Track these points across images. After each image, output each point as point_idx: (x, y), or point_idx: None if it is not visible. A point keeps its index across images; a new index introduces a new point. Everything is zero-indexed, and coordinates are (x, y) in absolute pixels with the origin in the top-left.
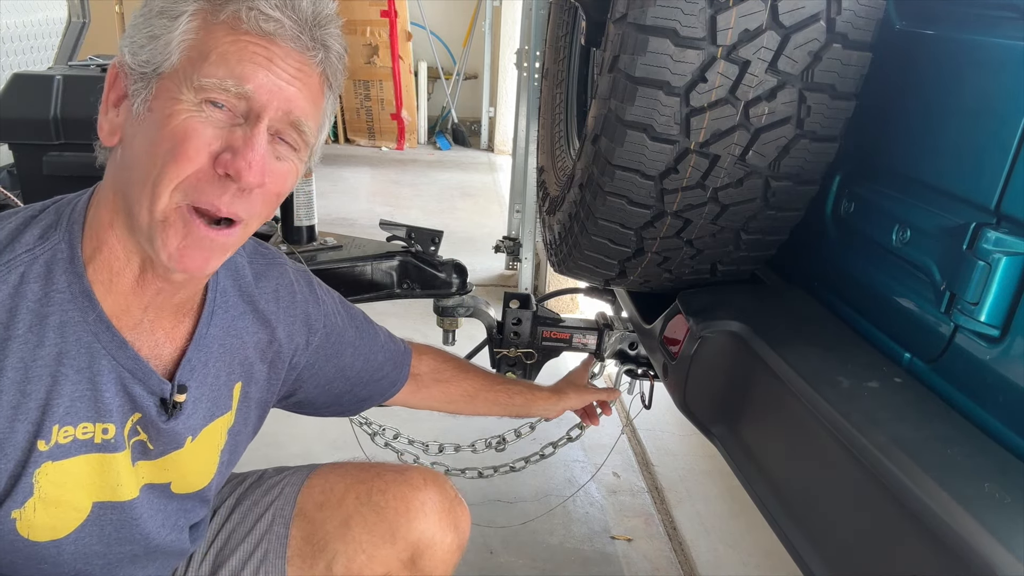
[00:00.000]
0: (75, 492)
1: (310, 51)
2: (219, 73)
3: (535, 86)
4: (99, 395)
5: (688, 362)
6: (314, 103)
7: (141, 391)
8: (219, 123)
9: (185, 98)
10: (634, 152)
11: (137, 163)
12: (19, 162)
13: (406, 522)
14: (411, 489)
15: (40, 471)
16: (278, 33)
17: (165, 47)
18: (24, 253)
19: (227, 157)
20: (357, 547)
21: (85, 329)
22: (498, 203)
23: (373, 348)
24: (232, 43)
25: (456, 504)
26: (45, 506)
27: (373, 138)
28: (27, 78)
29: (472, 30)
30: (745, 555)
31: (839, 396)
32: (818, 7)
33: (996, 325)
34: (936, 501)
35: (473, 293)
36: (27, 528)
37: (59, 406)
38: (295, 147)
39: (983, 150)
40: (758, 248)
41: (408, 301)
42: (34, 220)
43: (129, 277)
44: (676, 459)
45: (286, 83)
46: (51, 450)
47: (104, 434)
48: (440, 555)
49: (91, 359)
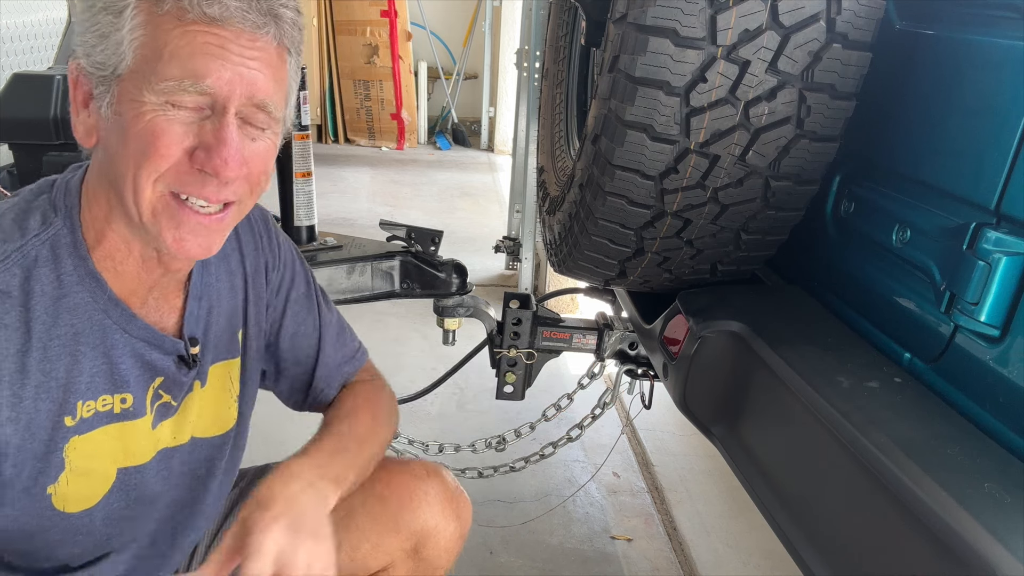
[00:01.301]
0: (102, 461)
1: (261, 28)
2: (175, 73)
3: (535, 86)
4: (115, 368)
5: (688, 362)
6: (276, 79)
7: (159, 355)
8: (186, 119)
9: (147, 100)
10: (634, 152)
11: (116, 162)
12: (19, 162)
13: (410, 511)
14: (414, 479)
15: (69, 445)
16: (224, 16)
17: (116, 48)
18: (32, 239)
19: (202, 155)
20: (361, 536)
21: (96, 308)
22: (498, 203)
23: (318, 319)
24: (181, 36)
25: (458, 494)
26: (76, 477)
27: (373, 138)
28: (27, 78)
29: (472, 30)
30: (745, 555)
31: (839, 396)
32: (818, 7)
33: (996, 325)
34: (936, 501)
35: (473, 293)
36: (62, 501)
37: (80, 383)
38: (264, 126)
39: (983, 150)
40: (758, 248)
41: (408, 301)
42: (32, 206)
43: (132, 264)
44: (676, 459)
45: (245, 68)
46: (77, 425)
47: (123, 404)
48: (443, 544)
49: (103, 335)
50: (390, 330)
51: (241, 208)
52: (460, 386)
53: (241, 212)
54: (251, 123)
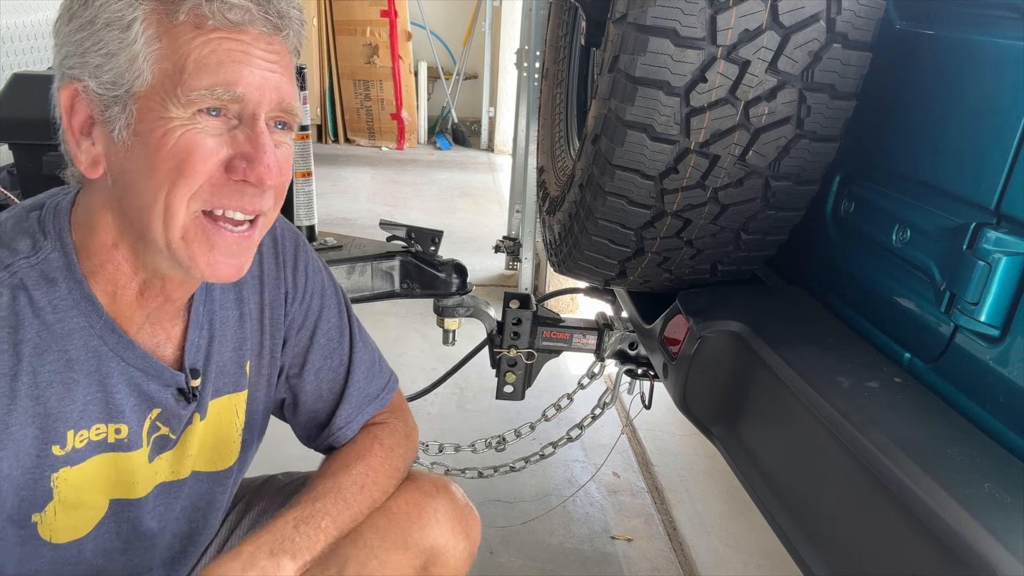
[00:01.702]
0: (92, 492)
1: (281, 31)
2: (204, 83)
3: (535, 86)
4: (110, 397)
5: (688, 362)
6: (291, 80)
7: (157, 387)
8: (216, 130)
9: (175, 115)
10: (634, 152)
11: (140, 189)
12: (19, 162)
13: (419, 528)
14: (423, 496)
15: (58, 476)
16: (246, 21)
17: (130, 64)
18: (22, 260)
19: (242, 165)
20: (369, 552)
21: (91, 334)
22: (498, 203)
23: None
24: (204, 44)
25: (468, 512)
26: (65, 509)
27: (373, 138)
28: (27, 78)
29: (472, 30)
30: (745, 555)
31: (839, 396)
32: (818, 7)
33: (996, 325)
34: (936, 501)
35: (473, 293)
36: (48, 531)
37: (72, 411)
38: (287, 131)
39: (983, 150)
40: (758, 248)
41: (408, 301)
42: (21, 228)
43: (133, 291)
44: (676, 459)
45: (270, 72)
46: (68, 455)
47: (117, 434)
48: (453, 563)
49: (99, 362)
50: (390, 330)
51: (267, 221)
52: (460, 386)
53: (266, 225)
54: (276, 129)
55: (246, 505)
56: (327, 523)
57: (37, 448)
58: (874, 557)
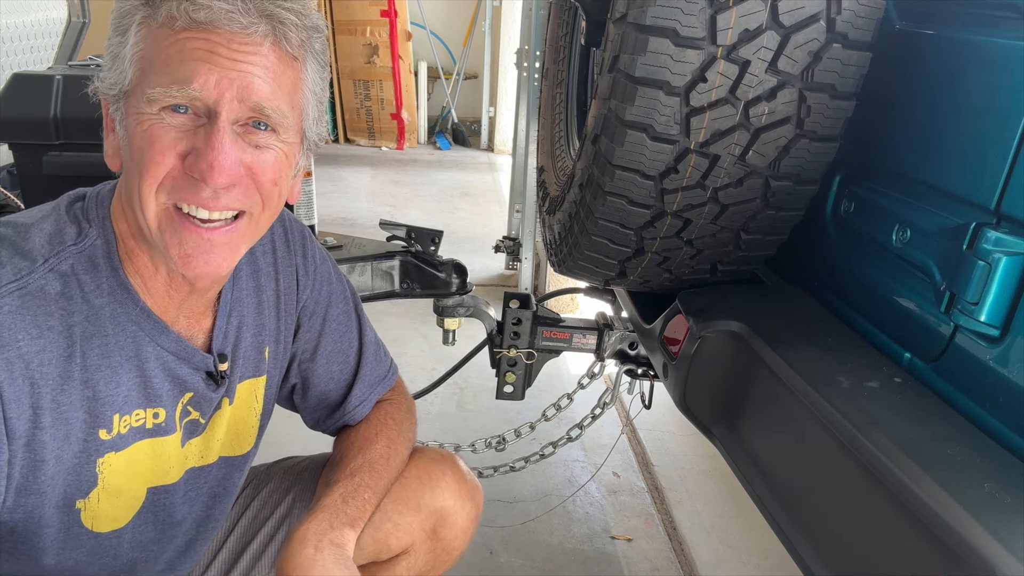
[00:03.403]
0: (133, 480)
1: (250, 28)
2: (163, 80)
3: (535, 86)
4: (148, 381)
5: (688, 362)
6: (275, 81)
7: (188, 370)
8: (182, 126)
9: (145, 111)
10: (634, 152)
11: (128, 177)
12: (19, 162)
13: (429, 491)
14: (430, 462)
15: (103, 461)
16: (211, 20)
17: (123, 65)
18: (71, 247)
19: (191, 160)
20: (383, 515)
21: (128, 320)
22: (498, 203)
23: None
24: (172, 44)
25: (470, 478)
26: (108, 496)
27: (373, 138)
28: (27, 78)
29: (472, 30)
30: (745, 555)
31: (839, 396)
32: (818, 7)
33: (996, 325)
34: (936, 501)
35: (473, 293)
36: (91, 519)
37: (118, 395)
38: (273, 130)
39: (983, 150)
40: (758, 248)
41: (408, 301)
42: (68, 216)
43: (160, 283)
44: (676, 459)
45: (236, 71)
46: (114, 440)
47: (155, 419)
48: (460, 524)
49: (137, 347)
50: (390, 330)
51: (254, 222)
52: (460, 386)
53: (255, 226)
54: (254, 130)
55: (254, 490)
56: (368, 494)
57: (85, 432)
58: (874, 557)
